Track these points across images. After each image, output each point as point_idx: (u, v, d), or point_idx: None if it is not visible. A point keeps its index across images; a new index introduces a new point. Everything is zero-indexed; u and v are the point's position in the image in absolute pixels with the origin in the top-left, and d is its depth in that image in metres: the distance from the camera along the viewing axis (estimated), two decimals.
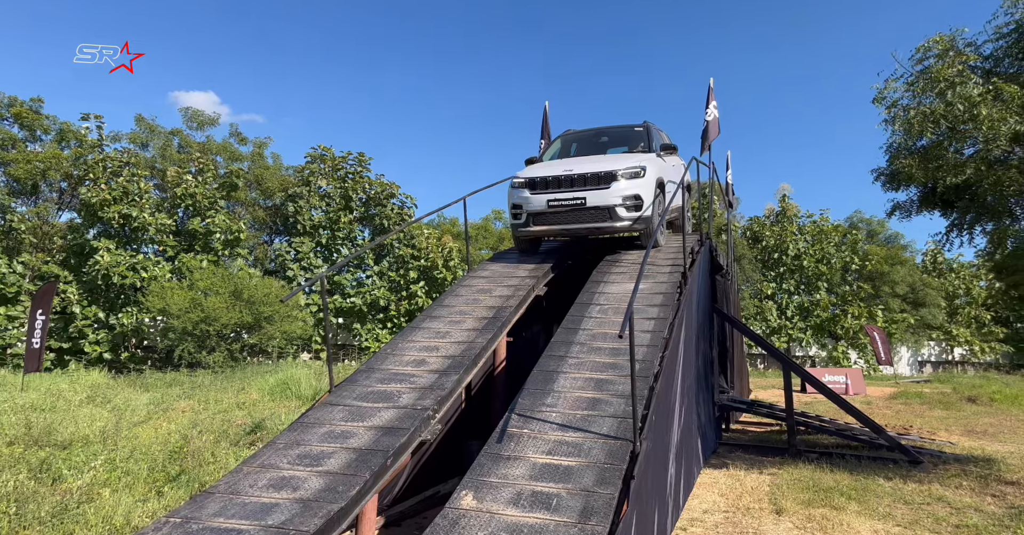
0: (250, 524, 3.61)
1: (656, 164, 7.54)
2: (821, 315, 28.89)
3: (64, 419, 8.01)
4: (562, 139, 9.09)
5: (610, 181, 6.97)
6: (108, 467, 6.11)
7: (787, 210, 31.24)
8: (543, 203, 7.11)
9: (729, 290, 11.32)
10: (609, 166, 7.08)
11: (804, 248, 29.67)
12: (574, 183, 7.08)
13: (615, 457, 4.00)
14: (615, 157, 7.72)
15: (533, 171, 7.53)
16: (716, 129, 9.38)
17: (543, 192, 7.18)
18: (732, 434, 10.45)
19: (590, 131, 9.07)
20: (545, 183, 7.19)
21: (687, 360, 6.61)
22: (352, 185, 23.99)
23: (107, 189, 18.92)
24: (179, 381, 13.55)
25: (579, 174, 7.05)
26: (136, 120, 24.02)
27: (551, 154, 8.77)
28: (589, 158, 7.84)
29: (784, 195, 32.32)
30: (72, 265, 19.24)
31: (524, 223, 7.32)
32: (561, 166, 7.42)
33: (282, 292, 18.51)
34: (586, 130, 9.14)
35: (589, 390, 5.00)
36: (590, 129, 9.14)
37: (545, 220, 7.21)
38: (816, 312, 28.99)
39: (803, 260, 29.42)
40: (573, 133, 9.16)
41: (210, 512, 3.77)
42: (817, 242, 29.89)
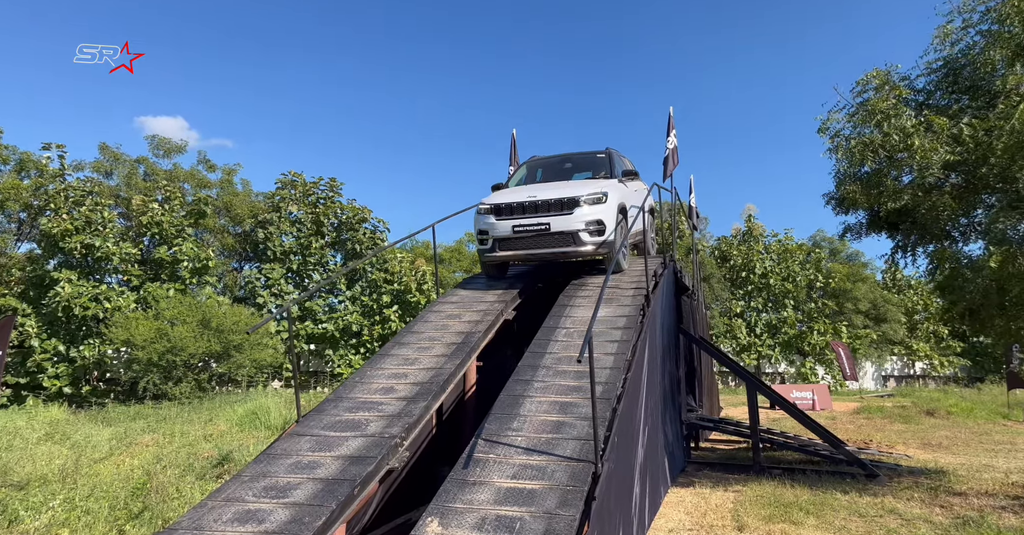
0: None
1: (618, 190, 7.78)
2: (789, 332, 29.58)
3: (21, 458, 7.77)
4: (528, 165, 9.33)
5: (573, 207, 7.18)
6: (67, 506, 5.97)
7: (753, 230, 32.17)
8: (508, 229, 7.30)
9: (696, 310, 11.61)
10: (572, 192, 7.29)
11: (770, 267, 30.50)
12: (538, 209, 7.27)
13: (577, 479, 4.11)
14: (578, 183, 7.96)
15: (498, 197, 7.69)
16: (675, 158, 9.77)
17: (508, 218, 7.36)
18: (701, 452, 10.62)
19: (555, 157, 9.35)
20: (510, 209, 7.38)
21: (651, 381, 6.79)
22: (323, 210, 23.96)
23: (69, 219, 18.57)
24: (143, 414, 13.21)
25: (543, 200, 7.25)
26: (100, 148, 23.70)
27: (517, 180, 8.98)
28: (553, 184, 8.08)
29: (750, 215, 33.31)
30: (31, 297, 18.71)
31: (490, 249, 7.49)
32: (526, 192, 7.61)
33: (252, 319, 18.26)
34: (551, 156, 9.42)
35: (554, 413, 5.12)
36: (555, 155, 9.43)
37: (511, 245, 7.39)
38: (784, 329, 29.68)
39: (770, 278, 30.21)
40: (538, 159, 9.43)
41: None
42: (783, 261, 30.77)
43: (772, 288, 30.19)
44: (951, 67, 7.29)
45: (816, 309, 30.35)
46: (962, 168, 6.88)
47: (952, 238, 7.63)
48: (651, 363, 6.79)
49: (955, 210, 6.91)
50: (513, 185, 8.74)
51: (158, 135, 25.34)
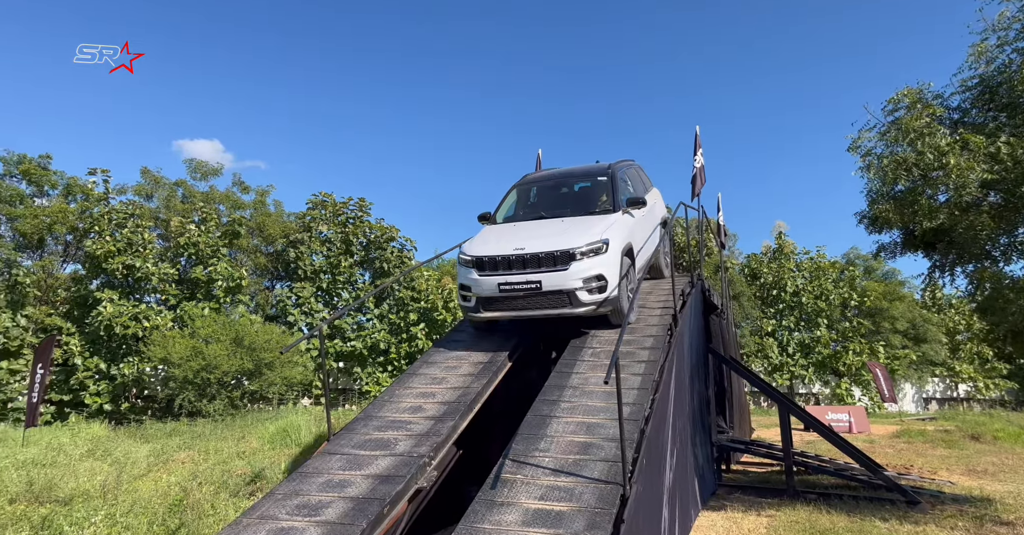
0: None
1: (622, 228, 6.98)
2: (822, 352, 28.82)
3: (65, 474, 8.05)
4: (518, 189, 8.33)
5: (568, 261, 6.34)
6: (108, 522, 6.16)
7: (784, 247, 31.63)
8: (494, 287, 6.47)
9: (725, 329, 11.47)
10: (566, 243, 6.42)
11: (802, 285, 29.89)
12: (527, 264, 6.42)
13: (605, 501, 4.11)
14: (574, 226, 6.88)
15: (481, 246, 6.79)
16: (703, 177, 9.74)
17: (493, 274, 6.51)
18: (732, 475, 10.39)
19: (549, 180, 8.41)
20: (494, 264, 6.51)
21: (680, 402, 6.73)
22: (352, 230, 24.45)
23: (111, 241, 19.34)
24: (179, 431, 13.53)
25: (532, 254, 6.39)
26: (142, 173, 24.72)
27: (507, 208, 8.11)
28: (545, 226, 7.09)
29: (780, 232, 32.79)
30: (75, 317, 19.44)
31: (474, 308, 6.68)
32: (512, 240, 6.69)
33: (283, 338, 18.63)
34: (545, 177, 8.53)
35: (581, 434, 5.13)
36: (549, 175, 8.55)
37: (497, 306, 6.55)
38: (817, 349, 28.93)
39: (802, 296, 29.57)
40: (531, 180, 8.53)
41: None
42: (815, 278, 30.13)
43: (805, 306, 29.53)
44: (987, 85, 7.19)
45: (851, 328, 29.54)
46: (1000, 187, 6.74)
47: (992, 258, 7.44)
48: (679, 384, 6.74)
49: (994, 229, 6.76)
50: (502, 216, 7.93)
51: (195, 159, 26.32)
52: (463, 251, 6.84)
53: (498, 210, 8.03)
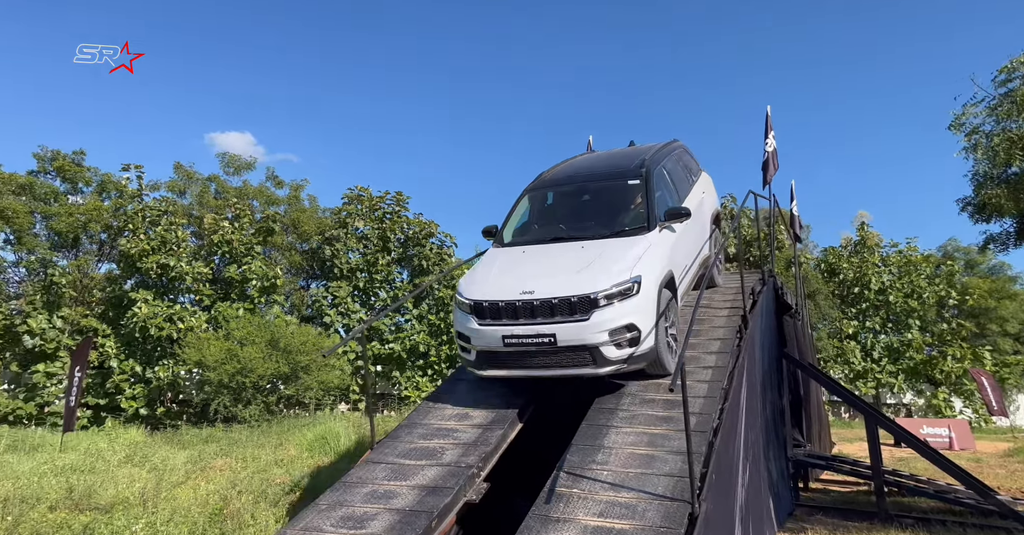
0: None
1: (659, 254, 5.96)
2: (915, 357, 27.59)
3: (104, 481, 8.54)
4: (530, 196, 7.22)
5: (588, 308, 5.39)
6: (149, 531, 6.51)
7: (867, 239, 30.41)
8: (497, 340, 5.56)
9: (800, 331, 11.15)
10: (585, 284, 5.46)
11: (889, 281, 28.67)
12: (536, 312, 5.47)
13: (672, 520, 4.08)
14: (596, 256, 5.84)
15: (480, 286, 5.87)
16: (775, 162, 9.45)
17: (495, 324, 5.59)
18: (812, 494, 10.12)
19: (567, 183, 7.22)
20: (496, 311, 5.59)
21: (751, 412, 6.59)
22: (390, 225, 24.88)
23: (145, 239, 20.31)
24: (215, 437, 14.12)
25: (542, 300, 5.43)
26: (175, 168, 25.86)
27: (516, 223, 7.05)
28: (560, 254, 6.07)
29: (863, 223, 31.55)
30: (110, 318, 20.52)
31: (475, 363, 5.84)
32: (519, 276, 5.81)
33: (319, 340, 19.16)
34: (562, 178, 7.33)
35: (642, 446, 5.10)
36: (568, 175, 7.35)
37: (501, 362, 5.67)
38: (908, 354, 27.72)
39: (889, 295, 28.37)
40: (546, 182, 7.34)
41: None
42: (905, 274, 28.86)
43: (892, 306, 28.32)
44: None
45: (949, 331, 28.15)
46: None
47: None
48: (750, 391, 6.60)
49: None
50: (511, 231, 6.90)
51: (228, 153, 27.34)
52: (459, 292, 5.95)
53: (506, 224, 6.95)
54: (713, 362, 6.35)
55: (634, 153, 7.42)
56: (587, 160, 7.82)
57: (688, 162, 8.24)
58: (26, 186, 21.70)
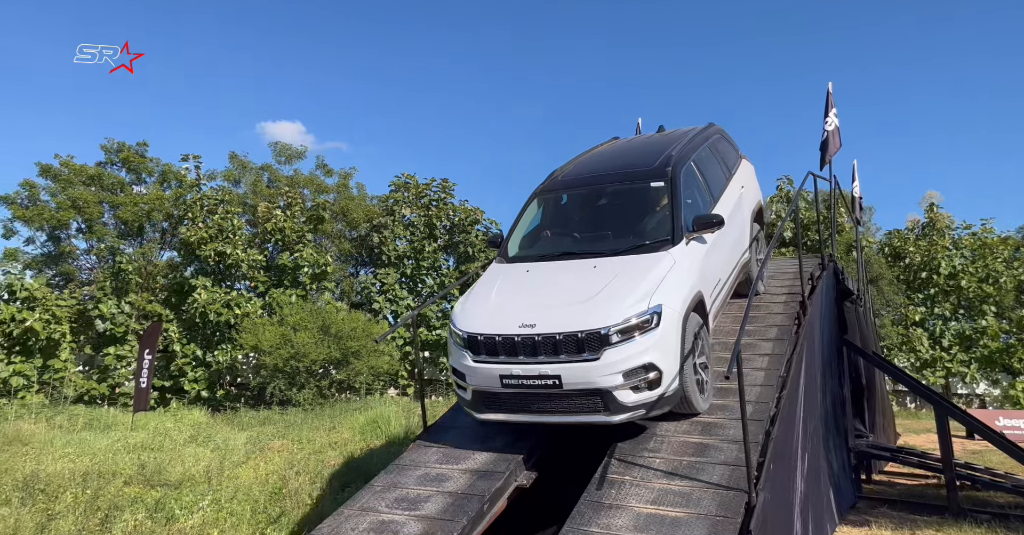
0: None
1: (685, 274, 5.15)
2: (989, 345, 26.25)
3: (171, 459, 9.01)
4: (539, 200, 6.37)
5: (598, 346, 4.61)
6: (215, 508, 6.86)
7: (936, 221, 28.96)
8: (494, 379, 4.86)
9: (862, 318, 10.77)
10: (593, 317, 4.67)
11: (961, 265, 27.27)
12: (537, 350, 4.71)
13: (728, 509, 4.04)
14: (608, 280, 5.01)
15: (475, 316, 5.14)
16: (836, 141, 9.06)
17: (492, 362, 4.87)
18: (875, 487, 9.83)
19: (581, 184, 6.32)
20: (492, 346, 4.87)
21: (810, 400, 6.43)
22: (436, 212, 25.17)
23: (203, 227, 21.16)
24: (272, 419, 14.70)
25: (545, 335, 4.67)
26: (230, 157, 26.79)
27: (523, 232, 6.24)
28: (568, 277, 5.28)
29: (932, 203, 30.02)
30: (173, 303, 21.53)
31: (471, 403, 5.16)
32: (520, 303, 5.08)
33: (368, 326, 19.63)
34: (576, 178, 6.41)
35: (696, 434, 5.05)
36: (583, 176, 6.41)
37: (499, 404, 4.99)
38: (982, 342, 26.39)
39: (961, 279, 27.01)
40: (558, 184, 6.40)
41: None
42: (979, 258, 27.40)
43: (964, 291, 26.96)
44: None
45: None
46: None
47: None
48: (809, 380, 6.44)
49: None
50: (516, 242, 6.13)
51: (280, 142, 28.12)
52: (453, 321, 5.26)
53: (512, 233, 6.17)
54: (770, 349, 6.23)
55: (660, 144, 6.47)
56: (606, 155, 6.84)
57: (725, 150, 7.28)
58: (95, 177, 22.91)
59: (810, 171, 8.11)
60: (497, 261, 5.99)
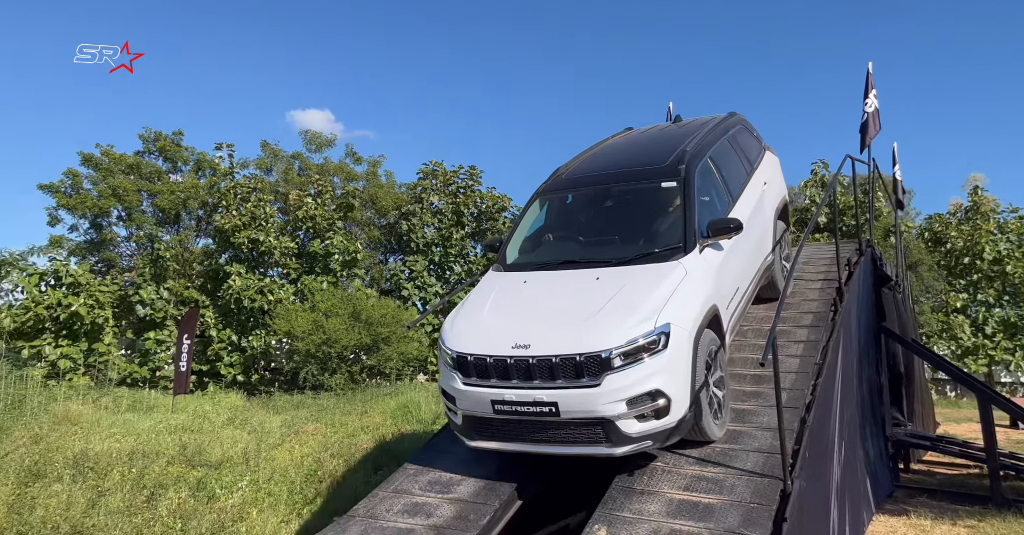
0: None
1: (698, 285, 4.70)
2: None
3: (211, 440, 9.28)
4: (541, 200, 5.94)
5: (599, 371, 4.19)
6: (253, 488, 7.07)
7: (980, 205, 27.98)
8: (485, 404, 4.46)
9: (901, 305, 10.52)
10: (593, 338, 4.24)
11: (1007, 250, 26.36)
12: (532, 374, 4.30)
13: (763, 496, 4.02)
14: (612, 295, 4.55)
15: (465, 333, 4.74)
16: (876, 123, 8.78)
17: (483, 385, 4.47)
18: (913, 476, 9.66)
19: (587, 183, 5.84)
20: (483, 368, 4.47)
21: (847, 388, 6.33)
22: (463, 200, 25.23)
23: (237, 215, 21.56)
24: (305, 403, 15.03)
25: (540, 358, 4.26)
26: (262, 146, 27.16)
27: (523, 236, 5.80)
28: (568, 290, 4.85)
29: (976, 186, 29.01)
30: (209, 289, 22.06)
31: (462, 429, 4.77)
32: (515, 321, 4.68)
33: (398, 312, 19.84)
34: (581, 177, 5.93)
35: (730, 422, 5.02)
36: (588, 174, 5.93)
37: (491, 432, 4.59)
38: None
39: (1006, 265, 26.13)
40: (561, 183, 5.94)
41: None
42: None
43: (1010, 277, 26.10)
44: None
45: None
46: None
47: None
48: (846, 367, 6.34)
49: None
50: (516, 247, 5.70)
51: (310, 130, 28.43)
52: (442, 339, 4.88)
53: (511, 238, 5.75)
54: (805, 336, 6.15)
55: (674, 138, 5.97)
56: (615, 149, 6.34)
57: (746, 143, 6.75)
58: (134, 166, 23.50)
59: (848, 154, 7.91)
60: (494, 269, 5.54)
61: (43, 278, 18.68)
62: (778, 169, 7.39)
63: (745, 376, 5.68)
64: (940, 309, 26.68)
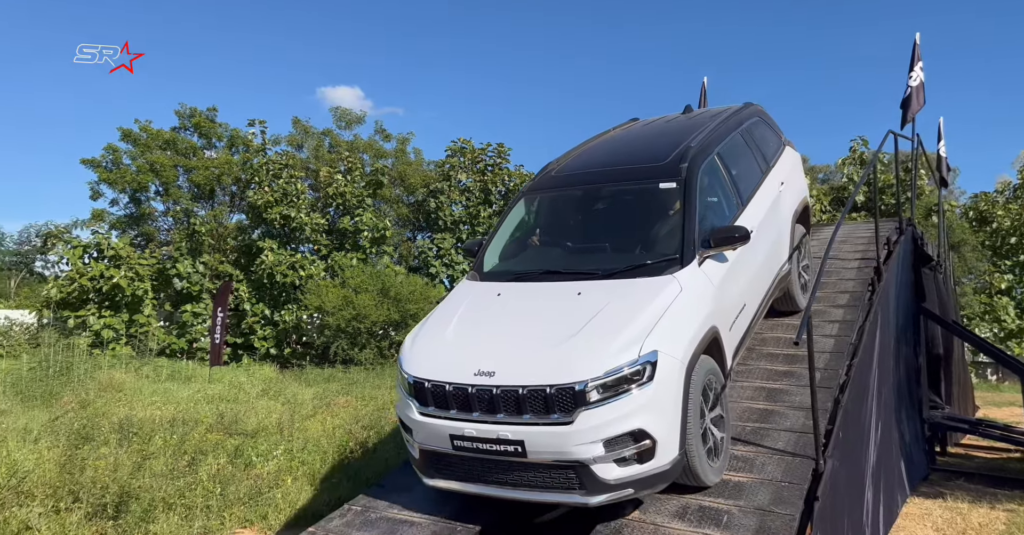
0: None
1: (694, 305, 4.04)
2: None
3: (246, 410, 9.58)
4: (527, 200, 5.31)
5: (572, 407, 3.56)
6: (287, 457, 7.28)
7: None
8: (443, 438, 3.84)
9: (942, 285, 10.24)
10: (569, 368, 3.60)
11: None
12: (496, 406, 3.67)
13: (794, 475, 3.99)
14: (594, 315, 3.88)
15: (424, 354, 4.12)
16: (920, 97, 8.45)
17: (441, 416, 3.85)
18: (950, 459, 9.53)
19: (578, 183, 5.18)
20: (441, 397, 3.85)
21: (883, 369, 6.22)
22: (491, 178, 25.15)
23: (269, 191, 21.88)
24: (336, 377, 15.36)
25: (505, 389, 3.64)
26: (293, 123, 27.45)
27: (503, 241, 5.16)
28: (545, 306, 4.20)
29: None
30: (242, 264, 22.54)
31: (419, 463, 4.13)
32: (481, 342, 4.07)
33: (426, 289, 20.03)
34: (572, 175, 5.24)
35: (760, 401, 4.98)
36: (584, 168, 5.29)
37: (450, 470, 3.97)
38: None
39: None
40: (551, 180, 5.28)
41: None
42: None
43: None
44: None
45: None
46: None
47: None
48: (882, 348, 6.21)
49: None
50: (495, 252, 5.05)
51: (340, 107, 28.57)
52: (400, 359, 4.24)
53: (490, 242, 5.10)
54: (841, 316, 6.05)
55: (680, 131, 5.35)
56: (613, 143, 5.72)
57: (763, 137, 6.07)
58: (170, 141, 23.96)
59: (890, 130, 7.64)
60: (468, 277, 4.92)
61: (86, 251, 19.32)
62: (799, 167, 6.70)
63: (777, 356, 5.62)
64: (983, 290, 25.90)
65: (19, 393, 10.12)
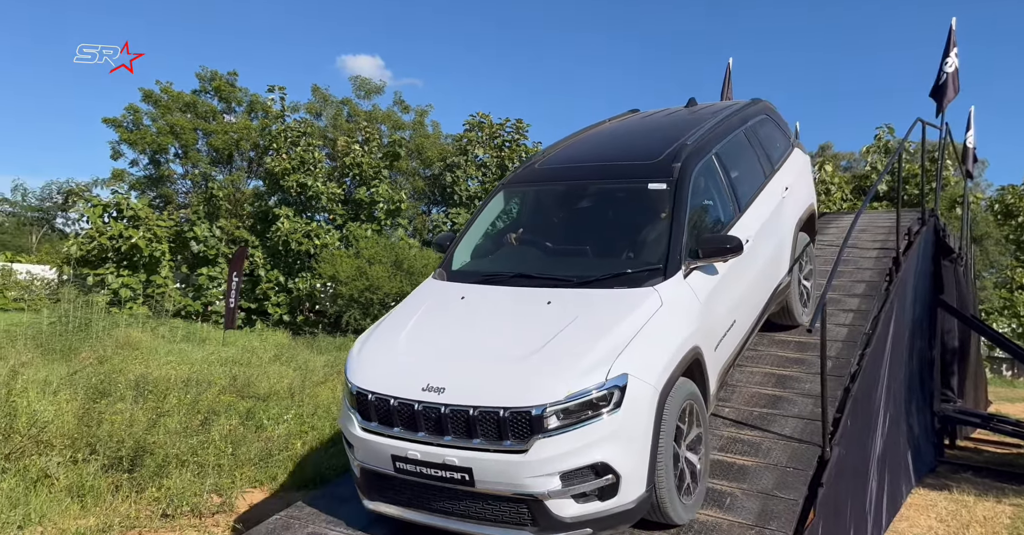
0: None
1: (672, 323, 3.59)
2: None
3: (258, 374, 9.72)
4: (506, 194, 4.92)
5: (530, 433, 3.14)
6: (298, 421, 7.41)
7: None
8: (385, 458, 3.42)
9: (962, 278, 10.10)
10: (527, 389, 3.19)
11: None
12: (444, 426, 3.26)
13: (800, 461, 4.01)
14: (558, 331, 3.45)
15: (373, 361, 3.70)
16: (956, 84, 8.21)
17: (383, 433, 3.44)
18: (959, 453, 9.53)
19: (562, 178, 4.76)
20: (385, 412, 3.43)
21: (896, 360, 6.18)
22: (508, 153, 24.98)
23: (287, 158, 21.92)
24: (347, 345, 15.45)
25: (455, 408, 3.22)
26: (312, 90, 27.37)
27: (476, 238, 4.77)
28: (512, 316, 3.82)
29: None
30: (258, 231, 22.74)
31: (360, 483, 3.69)
32: (437, 352, 3.63)
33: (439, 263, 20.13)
34: (558, 169, 4.84)
35: (769, 386, 4.99)
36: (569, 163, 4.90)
37: (391, 493, 3.55)
38: None
39: None
40: (535, 170, 4.90)
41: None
42: None
43: None
44: None
45: None
46: None
47: None
48: (896, 339, 6.17)
49: None
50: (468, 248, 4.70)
51: (360, 76, 28.40)
52: (346, 366, 3.83)
53: (462, 238, 4.71)
54: (855, 305, 6.02)
55: (678, 127, 4.97)
56: (604, 137, 5.32)
57: (769, 137, 5.62)
58: (191, 104, 24.01)
59: (919, 118, 7.46)
60: (435, 276, 4.49)
61: (106, 210, 19.58)
62: (807, 170, 6.24)
63: (788, 342, 5.61)
64: (1004, 285, 25.56)
65: (40, 345, 10.35)
